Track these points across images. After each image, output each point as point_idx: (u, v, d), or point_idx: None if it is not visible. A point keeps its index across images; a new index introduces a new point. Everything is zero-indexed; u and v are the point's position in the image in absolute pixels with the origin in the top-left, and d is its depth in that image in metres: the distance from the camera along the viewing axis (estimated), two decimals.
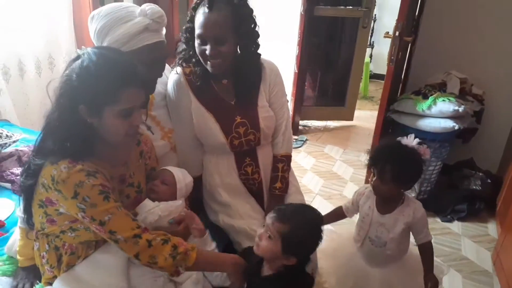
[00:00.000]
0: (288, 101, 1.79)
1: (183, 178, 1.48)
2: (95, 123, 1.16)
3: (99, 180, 1.13)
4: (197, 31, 1.48)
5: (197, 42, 1.50)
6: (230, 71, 1.60)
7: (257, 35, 1.58)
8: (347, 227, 1.93)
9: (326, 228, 1.69)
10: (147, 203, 1.34)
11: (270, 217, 1.24)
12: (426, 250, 1.57)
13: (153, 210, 1.32)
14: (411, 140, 1.52)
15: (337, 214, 1.76)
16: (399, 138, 1.55)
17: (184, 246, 1.20)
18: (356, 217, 1.74)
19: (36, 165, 1.17)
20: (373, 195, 1.61)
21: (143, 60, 1.43)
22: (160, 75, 1.56)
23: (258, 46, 1.60)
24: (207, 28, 1.45)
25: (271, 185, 1.71)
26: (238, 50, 1.57)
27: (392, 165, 1.47)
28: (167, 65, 1.78)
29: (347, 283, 1.71)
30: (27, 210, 1.25)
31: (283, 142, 1.73)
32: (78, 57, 1.15)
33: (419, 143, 1.52)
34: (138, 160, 1.39)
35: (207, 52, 1.48)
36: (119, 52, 1.25)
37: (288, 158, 1.75)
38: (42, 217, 1.22)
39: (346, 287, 1.72)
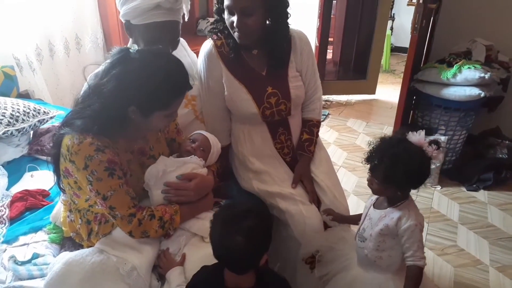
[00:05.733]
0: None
1: (216, 144, 1.55)
2: (137, 120, 1.23)
3: (106, 156, 1.20)
4: (226, 2, 1.50)
5: (226, 12, 1.53)
6: (260, 41, 1.60)
7: (286, 5, 1.57)
8: None
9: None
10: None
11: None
12: (410, 277, 1.26)
13: (158, 164, 1.35)
14: (420, 137, 1.25)
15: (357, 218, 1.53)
16: (407, 133, 1.28)
17: (168, 213, 1.29)
18: None
19: (60, 135, 1.25)
20: None
21: (152, 36, 1.50)
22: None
23: (287, 16, 1.59)
24: None
25: (305, 147, 1.73)
26: (267, 21, 1.57)
27: (385, 165, 1.23)
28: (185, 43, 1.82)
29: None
30: (57, 174, 1.34)
31: (320, 109, 1.79)
32: (128, 55, 1.20)
33: (432, 142, 1.24)
34: (158, 134, 1.45)
35: (234, 24, 1.50)
36: (173, 59, 1.28)
37: (320, 124, 1.81)
38: (69, 189, 1.31)
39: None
